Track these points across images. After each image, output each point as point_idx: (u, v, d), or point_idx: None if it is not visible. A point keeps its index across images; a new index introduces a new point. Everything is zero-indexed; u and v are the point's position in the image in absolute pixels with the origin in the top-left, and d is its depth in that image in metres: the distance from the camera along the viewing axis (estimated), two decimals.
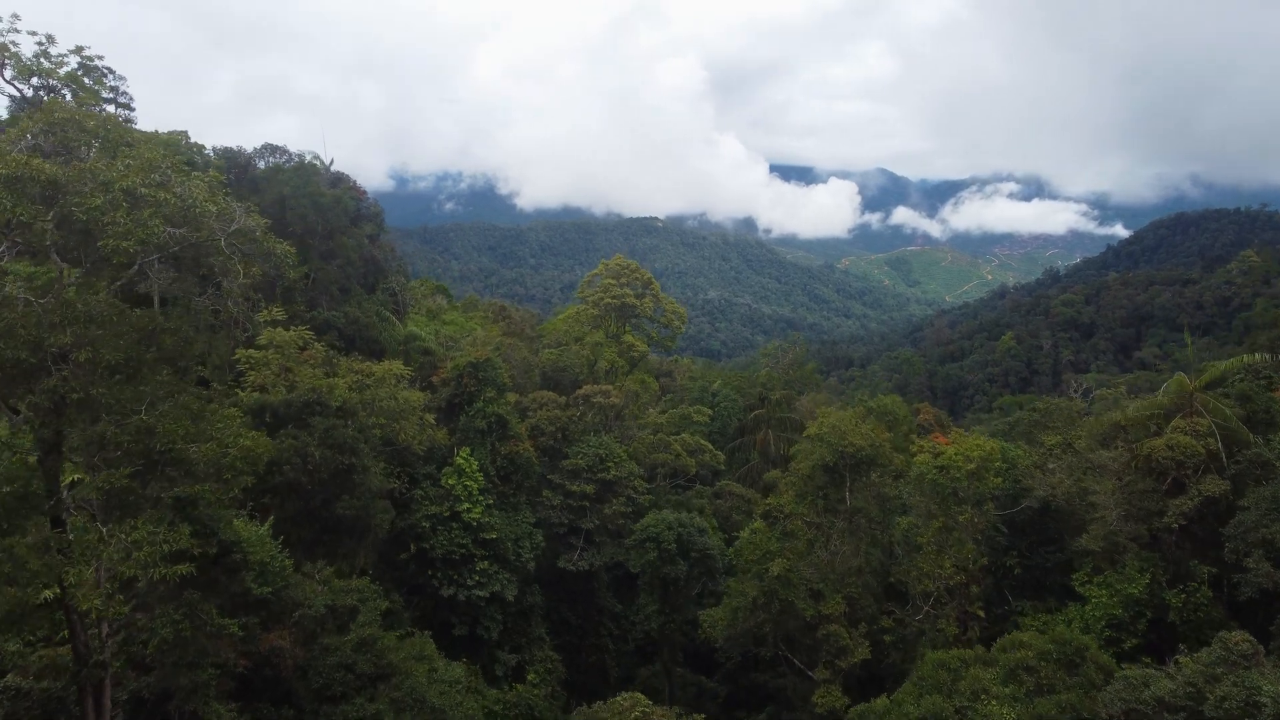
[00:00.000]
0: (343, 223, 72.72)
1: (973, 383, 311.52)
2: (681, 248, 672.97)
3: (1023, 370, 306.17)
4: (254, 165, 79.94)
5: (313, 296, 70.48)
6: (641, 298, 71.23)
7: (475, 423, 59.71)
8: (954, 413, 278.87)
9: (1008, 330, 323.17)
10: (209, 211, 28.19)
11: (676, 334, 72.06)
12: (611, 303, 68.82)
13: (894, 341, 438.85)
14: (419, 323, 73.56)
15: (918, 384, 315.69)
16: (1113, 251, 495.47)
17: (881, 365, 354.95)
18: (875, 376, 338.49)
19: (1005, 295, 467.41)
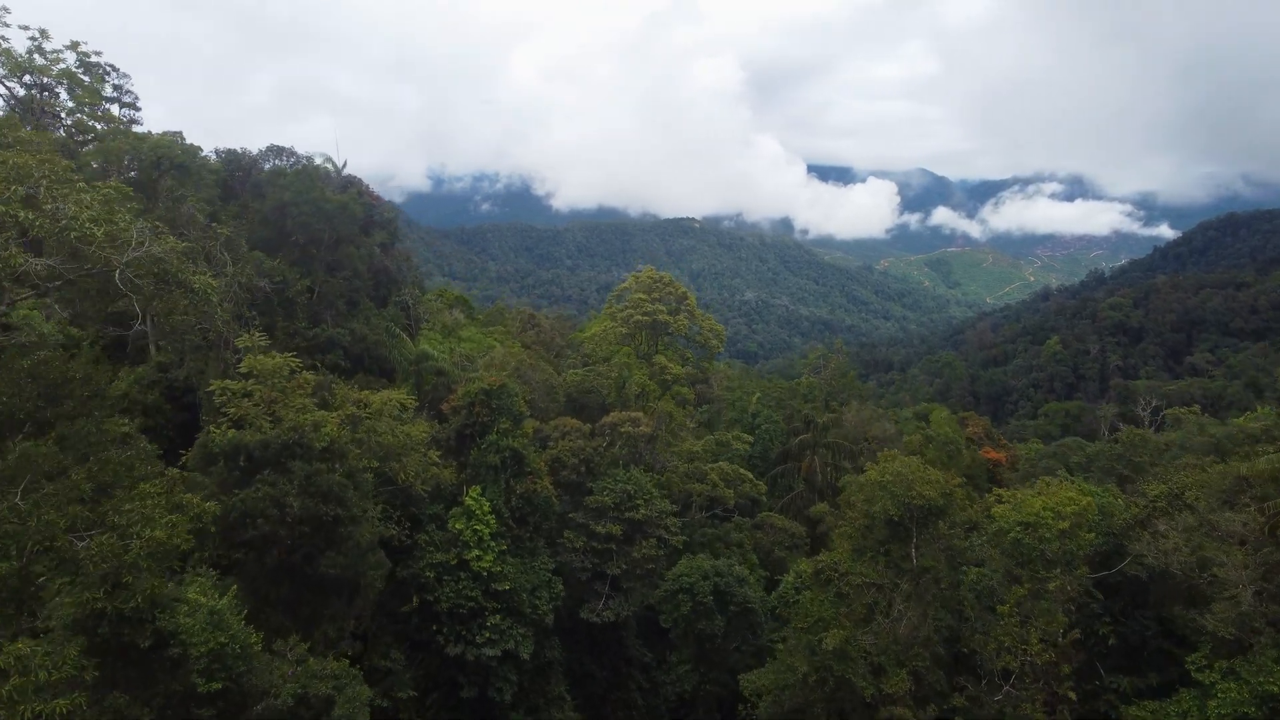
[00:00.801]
0: (350, 231, 65.99)
1: (1016, 388, 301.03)
2: (718, 249, 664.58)
3: (1069, 376, 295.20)
4: (259, 168, 73.62)
5: (316, 312, 63.80)
6: (676, 314, 63.83)
7: (487, 458, 52.64)
8: (997, 418, 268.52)
9: (1053, 334, 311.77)
10: (92, 235, 20.93)
11: (714, 354, 64.46)
12: (642, 320, 61.49)
13: (934, 344, 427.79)
14: (432, 340, 66.74)
15: (959, 388, 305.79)
16: (1159, 253, 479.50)
17: (922, 369, 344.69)
18: (915, 380, 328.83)
19: (1049, 298, 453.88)
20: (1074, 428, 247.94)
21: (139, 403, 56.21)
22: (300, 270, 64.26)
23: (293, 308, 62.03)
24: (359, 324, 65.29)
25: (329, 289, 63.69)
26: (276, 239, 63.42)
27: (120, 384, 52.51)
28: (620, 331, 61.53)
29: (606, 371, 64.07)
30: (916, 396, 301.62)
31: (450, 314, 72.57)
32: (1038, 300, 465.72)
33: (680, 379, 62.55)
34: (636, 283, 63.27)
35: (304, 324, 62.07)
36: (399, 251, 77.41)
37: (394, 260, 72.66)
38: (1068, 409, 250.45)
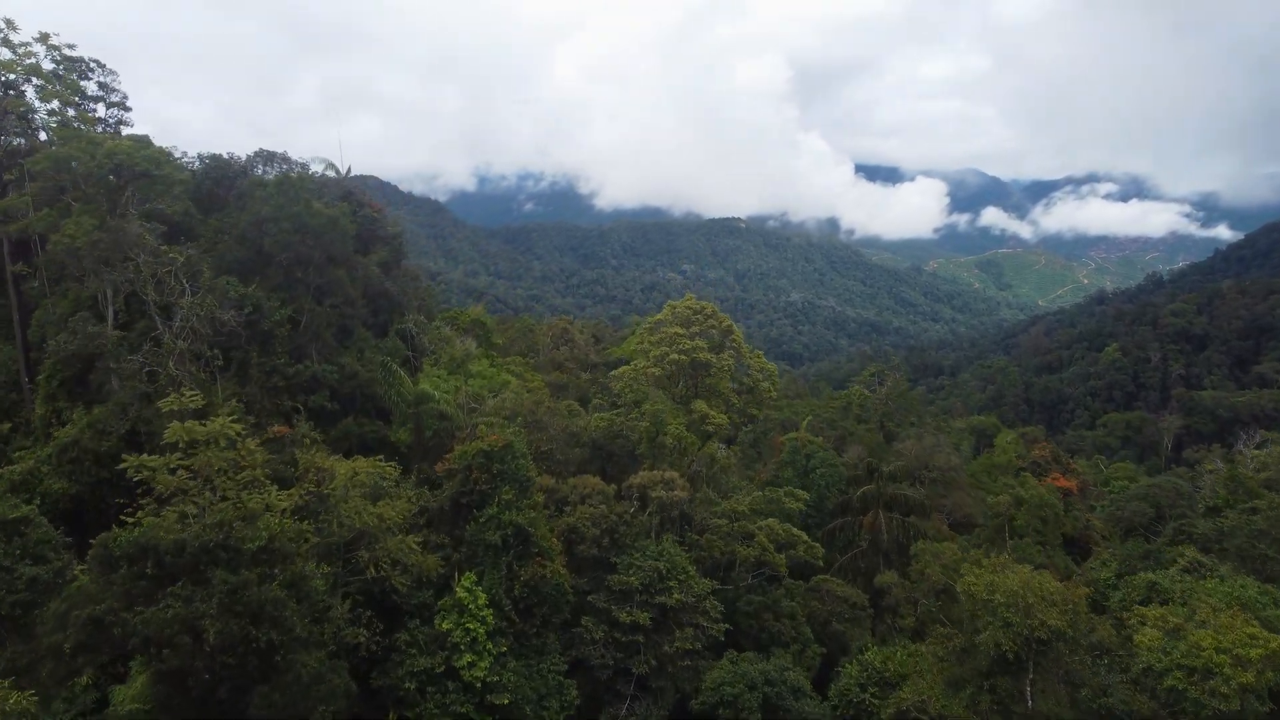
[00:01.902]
0: (342, 249, 56.20)
1: (1073, 396, 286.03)
2: (764, 249, 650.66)
3: (1128, 384, 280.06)
4: (251, 175, 64.12)
5: (300, 345, 54.11)
6: (719, 351, 52.95)
7: (486, 535, 42.33)
8: (1052, 428, 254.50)
9: (1111, 340, 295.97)
10: None
11: (765, 399, 53.48)
12: (679, 360, 50.71)
13: (984, 348, 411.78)
14: (436, 377, 56.69)
15: (1013, 396, 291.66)
16: (1221, 256, 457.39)
17: (973, 374, 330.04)
18: (966, 386, 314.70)
19: (1104, 301, 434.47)
20: (1135, 440, 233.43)
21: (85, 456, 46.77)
22: (282, 296, 54.66)
23: (270, 341, 52.43)
24: (350, 359, 55.53)
25: (315, 318, 53.93)
26: (255, 260, 53.83)
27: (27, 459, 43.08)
28: (653, 373, 50.86)
29: (636, 419, 53.58)
30: (968, 404, 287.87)
31: (461, 342, 62.66)
32: (1092, 304, 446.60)
33: (724, 428, 51.73)
34: (673, 314, 52.40)
35: (284, 360, 52.46)
36: (406, 270, 67.54)
37: (398, 281, 62.78)
38: (1128, 420, 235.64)
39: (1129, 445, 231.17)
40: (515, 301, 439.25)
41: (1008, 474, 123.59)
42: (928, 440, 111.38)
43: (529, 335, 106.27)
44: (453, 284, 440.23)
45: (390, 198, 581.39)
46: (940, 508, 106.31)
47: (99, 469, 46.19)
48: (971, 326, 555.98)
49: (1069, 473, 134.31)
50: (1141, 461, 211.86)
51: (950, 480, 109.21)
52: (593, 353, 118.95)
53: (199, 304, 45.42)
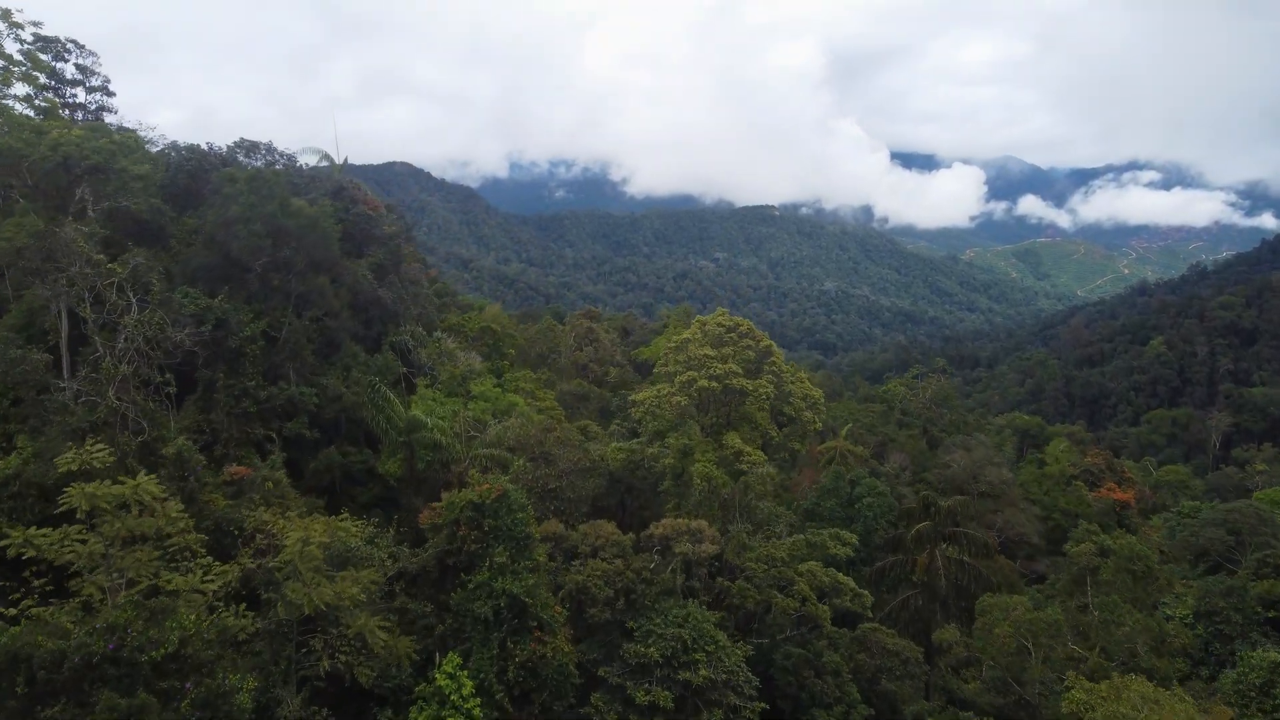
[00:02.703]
0: (325, 253, 48.73)
1: (1115, 391, 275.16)
2: (798, 237, 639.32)
3: (1173, 379, 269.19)
4: (232, 166, 56.78)
5: (275, 363, 46.80)
6: (756, 375, 44.85)
7: (475, 605, 34.76)
8: (1093, 423, 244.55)
9: (1155, 333, 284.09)
10: None
11: (810, 429, 45.30)
12: (710, 387, 42.65)
13: (1022, 339, 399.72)
14: (431, 400, 49.15)
15: (1053, 390, 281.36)
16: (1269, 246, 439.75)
17: (1011, 366, 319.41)
18: (1004, 379, 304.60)
19: (1146, 292, 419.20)
20: (1181, 438, 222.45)
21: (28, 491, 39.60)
22: (256, 308, 47.30)
23: (240, 360, 45.07)
24: (335, 378, 48.13)
25: (294, 333, 46.53)
26: (225, 266, 46.50)
27: None
28: (678, 401, 42.97)
29: (659, 451, 45.78)
30: (1006, 397, 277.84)
31: (465, 357, 55.06)
32: (1134, 294, 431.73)
33: (761, 466, 43.77)
34: (702, 332, 44.29)
35: (255, 382, 45.08)
36: (408, 274, 60.02)
37: (395, 287, 55.24)
38: (1174, 417, 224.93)
39: (1175, 443, 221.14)
40: (547, 289, 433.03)
41: (1059, 484, 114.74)
42: (978, 453, 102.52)
43: (551, 335, 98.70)
44: (484, 270, 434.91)
45: (423, 184, 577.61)
46: (990, 524, 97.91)
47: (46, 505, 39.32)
48: (1008, 317, 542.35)
49: (1124, 482, 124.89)
50: (1188, 460, 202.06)
51: (1002, 495, 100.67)
52: (618, 352, 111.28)
53: (146, 321, 38.13)
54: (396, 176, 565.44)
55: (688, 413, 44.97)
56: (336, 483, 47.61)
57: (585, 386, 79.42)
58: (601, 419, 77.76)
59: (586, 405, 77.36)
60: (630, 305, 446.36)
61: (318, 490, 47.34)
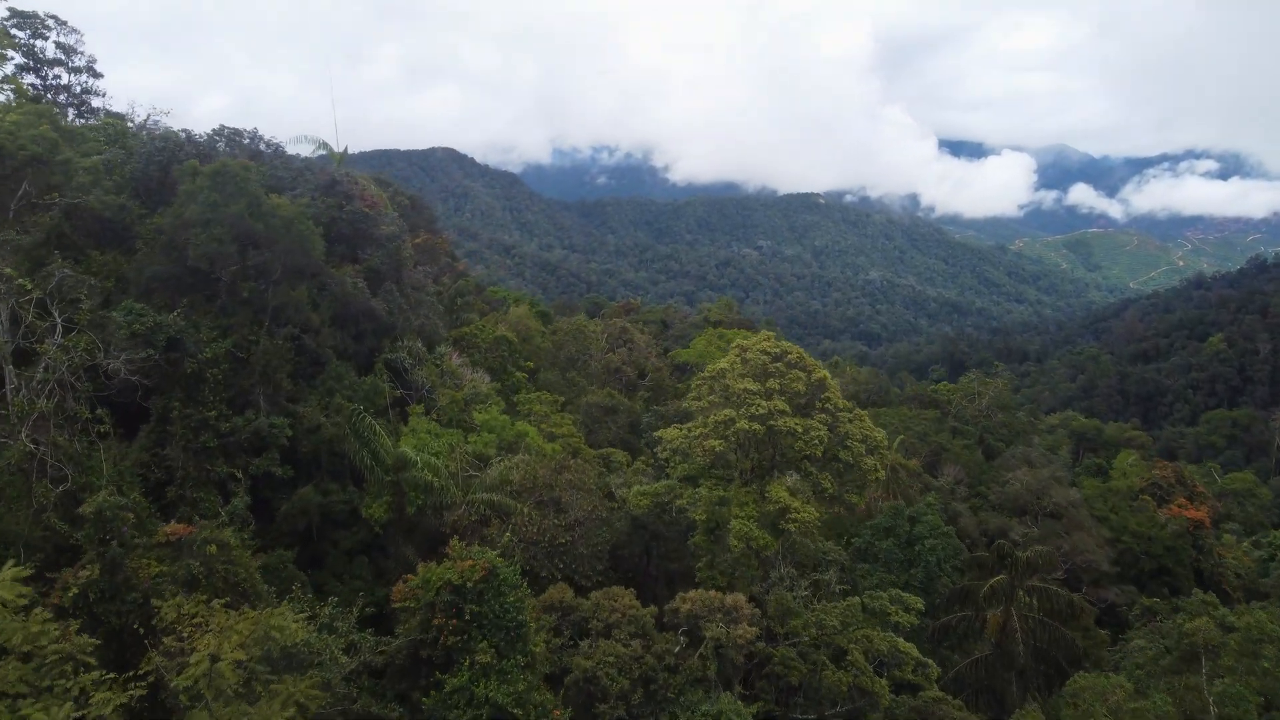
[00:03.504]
0: (306, 260, 41.45)
1: (1172, 389, 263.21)
2: (843, 225, 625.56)
3: (1233, 378, 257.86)
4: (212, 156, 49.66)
5: (243, 389, 39.65)
6: (808, 412, 36.72)
7: (452, 715, 27.35)
8: (1147, 421, 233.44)
9: (1214, 329, 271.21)
10: None
11: (869, 479, 37.14)
12: (750, 430, 34.46)
13: (1072, 332, 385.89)
14: (425, 433, 41.68)
15: (1105, 387, 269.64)
16: None
17: (1061, 361, 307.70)
18: (1054, 374, 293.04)
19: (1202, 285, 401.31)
20: (1241, 439, 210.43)
21: None
22: (223, 323, 40.18)
23: (198, 386, 37.94)
24: (313, 405, 40.87)
25: (266, 353, 39.33)
26: (183, 276, 39.42)
27: None
28: (713, 446, 34.98)
29: (690, 499, 37.91)
30: (1056, 394, 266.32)
31: (474, 376, 47.53)
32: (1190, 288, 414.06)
33: (812, 525, 35.70)
34: (742, 360, 35.96)
35: (216, 412, 37.95)
36: (411, 279, 52.56)
37: (393, 296, 47.77)
38: (1234, 418, 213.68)
39: (1235, 445, 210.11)
40: (588, 276, 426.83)
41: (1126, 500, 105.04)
42: (1043, 470, 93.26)
43: (581, 337, 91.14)
44: (526, 257, 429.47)
45: (467, 170, 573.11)
46: (1056, 548, 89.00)
47: None
48: (1057, 309, 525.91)
49: (1196, 498, 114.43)
50: (1249, 463, 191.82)
51: (1069, 517, 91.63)
52: (654, 353, 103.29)
53: (70, 348, 31.11)
54: (440, 162, 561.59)
55: (723, 458, 37.04)
56: (314, 527, 40.49)
57: (614, 397, 71.76)
58: (630, 434, 70.10)
59: (614, 420, 69.80)
60: (672, 293, 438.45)
61: (292, 536, 40.24)
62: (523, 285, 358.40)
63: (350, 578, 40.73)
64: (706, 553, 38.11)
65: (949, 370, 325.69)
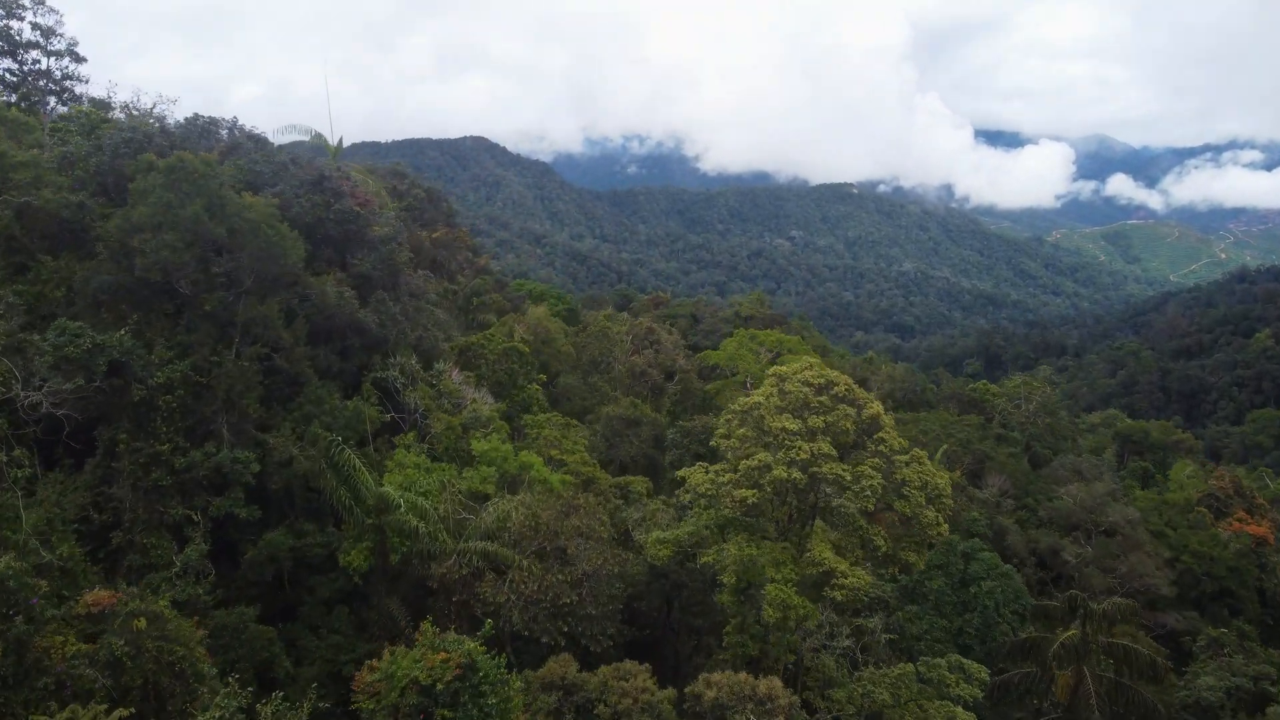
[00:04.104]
0: (280, 268, 35.86)
1: (1216, 386, 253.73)
2: (877, 216, 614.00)
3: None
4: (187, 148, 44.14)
5: (203, 417, 34.17)
6: (857, 455, 30.39)
7: None
8: (1190, 420, 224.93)
9: (1261, 325, 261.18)
10: None
11: (931, 532, 30.70)
12: (790, 479, 28.23)
13: (1110, 326, 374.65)
14: (414, 467, 35.94)
15: (1146, 383, 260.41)
16: None
17: (1100, 356, 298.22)
18: (1093, 369, 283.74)
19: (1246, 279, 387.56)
20: None
21: None
22: (182, 341, 34.71)
23: (150, 415, 32.51)
24: (285, 436, 35.29)
25: (228, 376, 33.78)
26: (134, 287, 33.95)
27: None
28: (744, 497, 28.93)
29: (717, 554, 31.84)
30: (1095, 390, 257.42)
31: (476, 396, 41.81)
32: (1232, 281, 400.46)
33: (862, 590, 29.48)
34: (779, 391, 29.54)
35: (169, 445, 32.48)
36: (409, 285, 46.80)
37: (385, 306, 42.03)
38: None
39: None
40: (619, 266, 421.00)
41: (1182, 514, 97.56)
42: (1098, 486, 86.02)
43: (604, 339, 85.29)
44: (557, 247, 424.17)
45: (499, 159, 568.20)
46: (1113, 570, 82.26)
47: None
48: (1095, 302, 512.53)
49: (1256, 510, 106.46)
50: None
51: (1125, 535, 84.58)
52: (681, 355, 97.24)
53: None
54: (471, 151, 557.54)
55: (759, 508, 30.94)
56: (285, 575, 34.99)
57: (637, 408, 65.88)
58: (654, 449, 64.21)
59: (637, 433, 63.91)
60: (703, 284, 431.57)
61: (259, 587, 34.80)
62: (553, 275, 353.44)
63: (329, 632, 35.24)
64: (736, 614, 32.10)
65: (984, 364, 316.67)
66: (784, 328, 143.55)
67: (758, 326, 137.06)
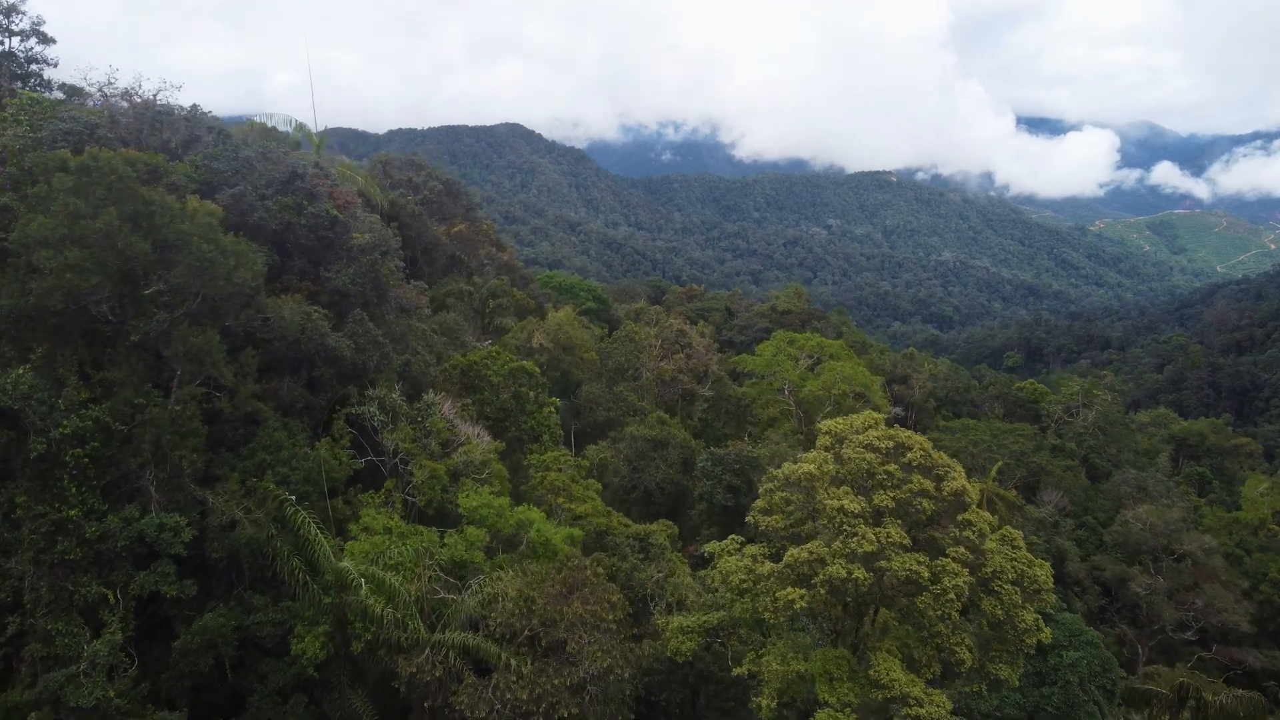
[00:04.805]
0: (227, 289, 29.20)
1: (1269, 383, 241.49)
2: (915, 204, 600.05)
3: None
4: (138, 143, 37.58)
5: (125, 473, 27.69)
6: (937, 542, 23.15)
7: None
8: (1241, 418, 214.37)
9: None
10: None
11: (1029, 640, 23.61)
12: (849, 579, 21.09)
13: (1155, 318, 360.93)
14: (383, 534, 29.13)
15: (1195, 379, 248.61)
16: None
17: (1145, 350, 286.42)
18: (1138, 364, 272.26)
19: None
20: None
21: None
22: (103, 378, 28.21)
23: (53, 474, 26.06)
24: (231, 493, 28.69)
25: (154, 423, 27.21)
26: (43, 314, 27.44)
27: None
28: (791, 600, 21.90)
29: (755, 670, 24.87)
30: (1141, 385, 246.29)
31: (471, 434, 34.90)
32: None
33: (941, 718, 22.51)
34: (836, 458, 22.28)
35: (79, 509, 26.02)
36: (400, 299, 39.98)
37: (363, 329, 35.21)
38: None
39: None
40: (654, 254, 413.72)
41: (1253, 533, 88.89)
42: (1171, 513, 77.32)
43: (632, 344, 78.37)
44: (592, 235, 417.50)
45: (534, 146, 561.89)
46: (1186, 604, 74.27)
47: None
48: (1139, 293, 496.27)
49: None
50: None
51: (1199, 563, 76.31)
52: (714, 359, 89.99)
53: None
54: (507, 138, 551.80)
55: (810, 611, 23.79)
56: (225, 668, 28.43)
57: (665, 427, 58.94)
58: (682, 474, 57.25)
59: (664, 456, 57.01)
60: (739, 272, 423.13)
61: (195, 677, 28.28)
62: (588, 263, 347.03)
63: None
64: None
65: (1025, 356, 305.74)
66: (822, 324, 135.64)
67: (795, 322, 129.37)
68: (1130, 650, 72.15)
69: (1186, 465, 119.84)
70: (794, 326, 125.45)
